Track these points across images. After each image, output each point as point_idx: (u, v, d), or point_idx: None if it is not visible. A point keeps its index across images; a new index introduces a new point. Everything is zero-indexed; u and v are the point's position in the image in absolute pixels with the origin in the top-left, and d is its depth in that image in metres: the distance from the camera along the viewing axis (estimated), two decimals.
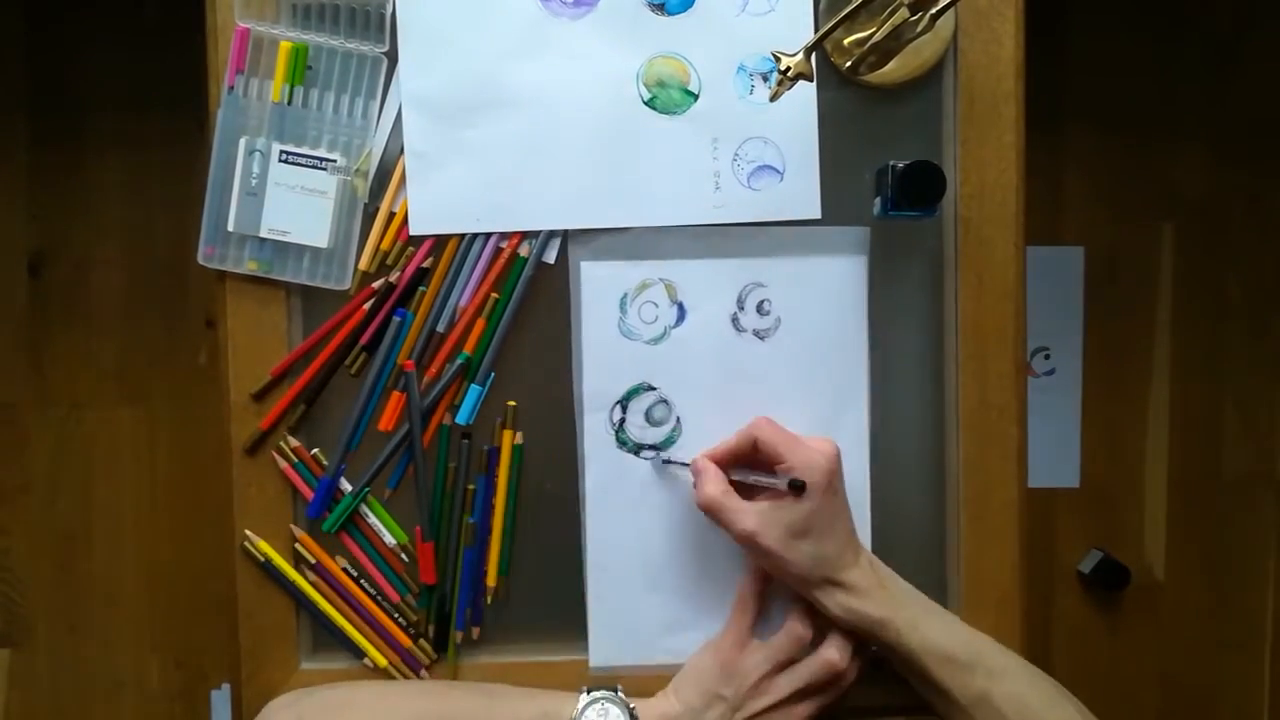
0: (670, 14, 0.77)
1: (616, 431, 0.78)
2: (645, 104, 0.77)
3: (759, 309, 0.78)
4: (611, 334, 0.78)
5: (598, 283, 0.77)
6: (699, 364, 0.78)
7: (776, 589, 0.77)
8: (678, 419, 0.78)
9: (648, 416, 0.78)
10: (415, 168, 0.76)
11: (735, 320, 0.78)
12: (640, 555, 0.78)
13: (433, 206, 0.77)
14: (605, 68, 0.76)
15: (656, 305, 0.78)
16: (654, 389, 0.78)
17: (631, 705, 0.72)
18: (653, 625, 0.79)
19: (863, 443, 0.78)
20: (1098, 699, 1.56)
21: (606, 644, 0.79)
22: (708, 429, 0.77)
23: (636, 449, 0.78)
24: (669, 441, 0.78)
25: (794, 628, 0.74)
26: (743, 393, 0.78)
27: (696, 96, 0.77)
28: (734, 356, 0.78)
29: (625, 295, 0.78)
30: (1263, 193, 1.52)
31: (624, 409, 0.78)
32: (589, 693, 0.72)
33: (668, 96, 0.77)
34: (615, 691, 0.72)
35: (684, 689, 0.74)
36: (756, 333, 0.78)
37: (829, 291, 0.78)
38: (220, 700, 0.78)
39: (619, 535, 0.78)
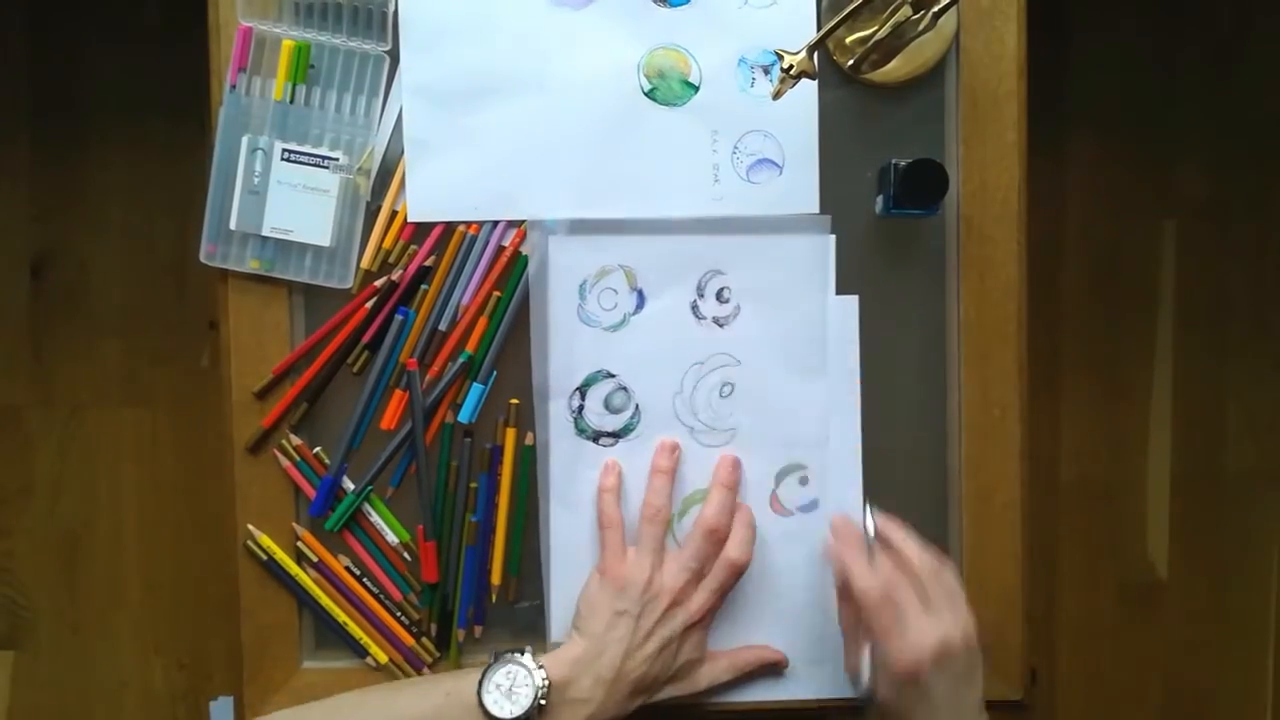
0: (672, 6, 0.77)
1: (575, 419, 0.78)
2: (646, 95, 0.77)
3: (718, 296, 0.78)
4: (570, 320, 0.77)
5: (558, 268, 0.77)
6: (658, 351, 0.78)
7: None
8: (636, 406, 0.78)
9: (606, 404, 0.78)
10: (415, 155, 0.77)
11: (695, 307, 0.78)
12: (593, 544, 0.78)
13: (432, 194, 0.77)
14: (606, 58, 0.77)
15: (616, 292, 0.77)
16: (613, 376, 0.78)
17: (539, 662, 0.71)
18: None
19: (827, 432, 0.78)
20: (1100, 698, 1.56)
21: (566, 627, 0.78)
22: (666, 417, 0.78)
23: (595, 436, 0.78)
24: (628, 429, 0.78)
25: (706, 521, 0.75)
26: (702, 380, 0.78)
27: (697, 89, 0.77)
28: (693, 344, 0.78)
29: (584, 282, 0.77)
30: (1264, 191, 1.52)
31: (583, 396, 0.78)
32: (495, 658, 0.71)
33: (668, 88, 0.77)
34: (523, 653, 0.71)
35: (584, 624, 0.73)
36: (716, 320, 0.78)
37: (788, 280, 0.78)
38: (218, 712, 0.78)
39: (578, 522, 0.78)
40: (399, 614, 0.79)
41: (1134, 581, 1.55)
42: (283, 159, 0.76)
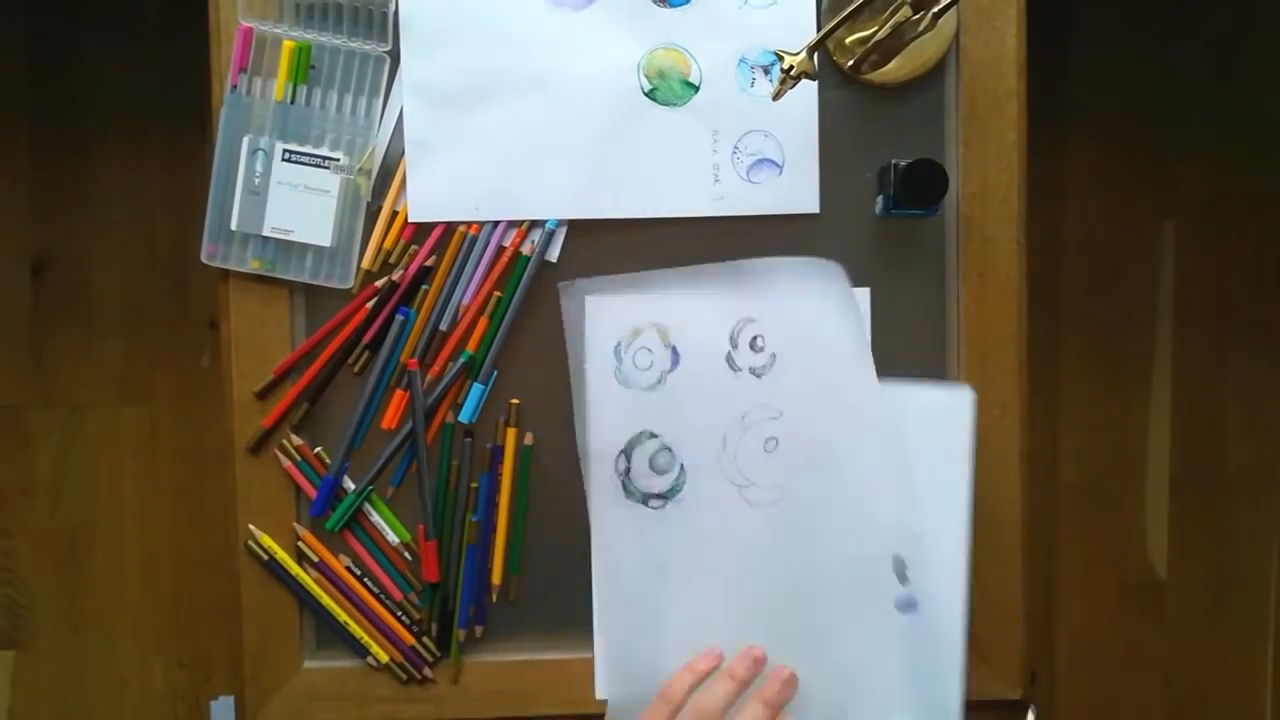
0: (672, 6, 0.77)
1: (624, 481, 0.77)
2: (646, 95, 0.77)
3: (752, 345, 0.76)
4: (608, 383, 0.76)
5: (593, 330, 0.76)
6: (698, 407, 0.76)
7: None
8: (681, 466, 0.76)
9: (652, 464, 0.76)
10: (415, 155, 0.77)
11: (730, 359, 0.76)
12: (646, 605, 0.77)
13: (432, 194, 0.77)
14: (607, 58, 0.77)
15: (650, 351, 0.76)
16: (656, 436, 0.77)
17: None
18: (654, 670, 0.76)
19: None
20: (1100, 697, 1.56)
21: (611, 681, 0.78)
22: (712, 476, 0.76)
23: (645, 498, 0.77)
24: (674, 490, 0.76)
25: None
26: (746, 435, 0.76)
27: (697, 88, 0.77)
28: (732, 397, 0.76)
29: (619, 343, 0.76)
30: (1264, 191, 1.52)
31: (628, 458, 0.77)
32: None
33: (668, 88, 0.77)
34: None
35: None
36: (753, 370, 0.76)
37: (821, 323, 0.76)
38: (219, 711, 0.78)
39: (625, 584, 0.77)
40: (400, 614, 0.79)
41: (1134, 581, 1.55)
42: (283, 159, 0.76)
